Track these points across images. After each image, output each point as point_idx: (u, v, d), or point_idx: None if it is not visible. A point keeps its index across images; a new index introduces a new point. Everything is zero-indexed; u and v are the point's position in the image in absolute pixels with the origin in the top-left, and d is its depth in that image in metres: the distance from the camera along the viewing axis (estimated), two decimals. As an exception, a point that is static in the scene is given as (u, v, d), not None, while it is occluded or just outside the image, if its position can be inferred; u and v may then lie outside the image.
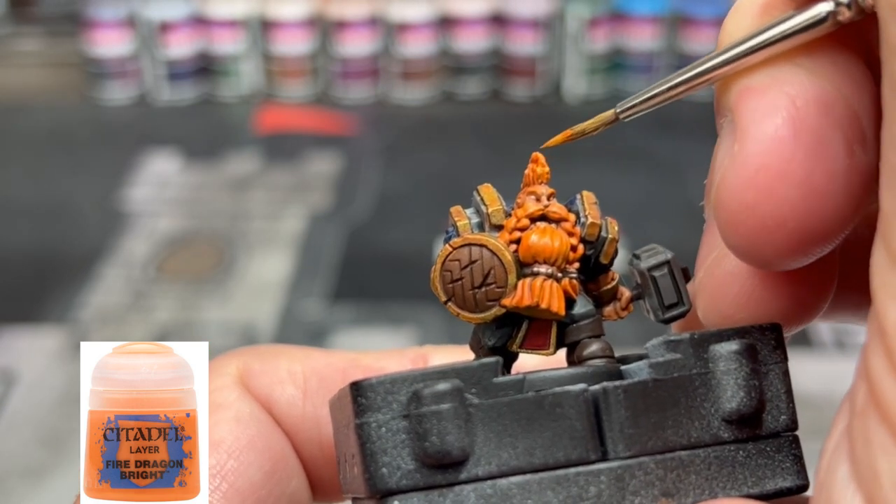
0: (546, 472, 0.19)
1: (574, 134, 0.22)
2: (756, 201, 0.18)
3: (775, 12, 0.19)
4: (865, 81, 0.18)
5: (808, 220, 0.18)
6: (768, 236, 0.18)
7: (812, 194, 0.18)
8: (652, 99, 0.21)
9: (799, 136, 0.18)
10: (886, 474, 0.15)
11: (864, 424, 0.16)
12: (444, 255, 0.21)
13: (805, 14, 0.18)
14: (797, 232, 0.18)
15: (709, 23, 1.33)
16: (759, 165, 0.18)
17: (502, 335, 0.22)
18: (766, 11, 0.19)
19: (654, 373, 0.20)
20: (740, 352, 0.20)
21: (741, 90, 0.19)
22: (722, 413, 0.20)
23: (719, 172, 0.19)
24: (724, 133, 0.19)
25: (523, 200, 0.22)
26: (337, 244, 1.04)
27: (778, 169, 0.18)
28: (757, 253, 0.19)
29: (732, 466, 0.20)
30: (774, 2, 0.19)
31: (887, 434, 0.15)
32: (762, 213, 0.18)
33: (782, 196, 0.18)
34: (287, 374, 0.26)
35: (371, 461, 0.19)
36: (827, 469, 0.17)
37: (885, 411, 0.16)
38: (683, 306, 0.22)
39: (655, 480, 0.19)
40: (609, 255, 0.22)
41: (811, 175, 0.18)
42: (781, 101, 0.18)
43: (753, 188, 0.18)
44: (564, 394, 0.19)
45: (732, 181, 0.18)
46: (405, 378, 0.19)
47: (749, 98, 0.19)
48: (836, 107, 0.18)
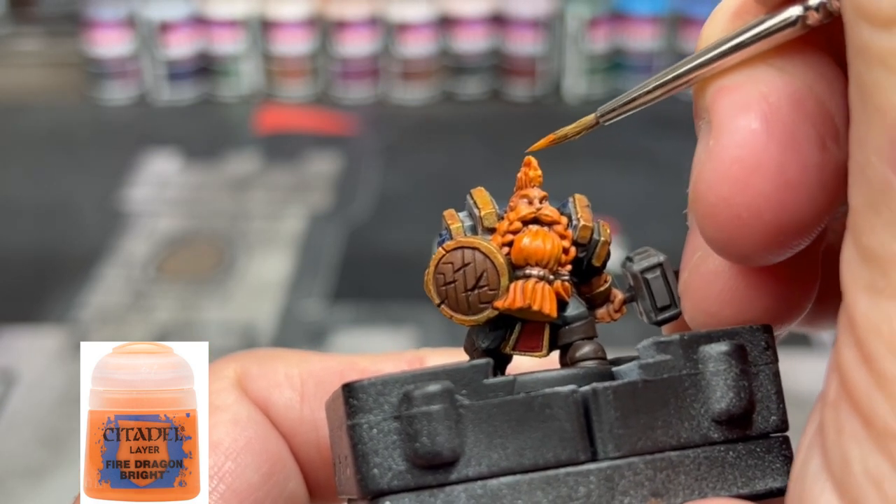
0: (536, 473, 0.19)
1: (557, 138, 0.22)
2: (731, 193, 0.18)
3: (747, 17, 0.20)
4: (837, 80, 0.19)
5: (783, 213, 0.18)
6: (744, 229, 0.19)
7: (786, 186, 0.18)
8: (632, 102, 0.21)
9: (771, 129, 0.18)
10: (857, 462, 0.16)
11: (835, 415, 0.16)
12: (437, 259, 0.21)
13: (776, 18, 0.19)
14: (772, 224, 0.18)
15: (708, 23, 1.33)
16: (734, 158, 0.18)
17: (496, 337, 0.22)
18: (738, 16, 0.20)
19: (644, 374, 0.20)
20: (730, 353, 0.20)
21: (717, 90, 0.19)
22: (711, 414, 0.20)
23: (696, 169, 0.19)
24: (702, 133, 0.20)
25: (516, 203, 0.22)
26: (337, 244, 1.04)
27: (752, 161, 0.18)
28: (734, 246, 0.19)
29: (722, 467, 0.20)
30: (746, 7, 0.20)
31: (858, 423, 0.16)
32: (737, 204, 0.18)
33: (756, 188, 0.18)
34: (284, 378, 0.26)
35: (362, 462, 0.19)
36: (801, 464, 0.17)
37: (856, 401, 0.16)
38: (676, 308, 0.22)
39: (645, 481, 0.19)
40: (601, 258, 0.22)
41: (784, 168, 0.18)
42: (754, 96, 0.19)
43: (728, 180, 0.18)
44: (554, 395, 0.20)
45: (708, 175, 0.19)
46: (396, 379, 0.19)
47: (724, 96, 0.19)
48: (807, 103, 0.19)
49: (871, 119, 0.16)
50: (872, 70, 0.15)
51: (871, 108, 0.16)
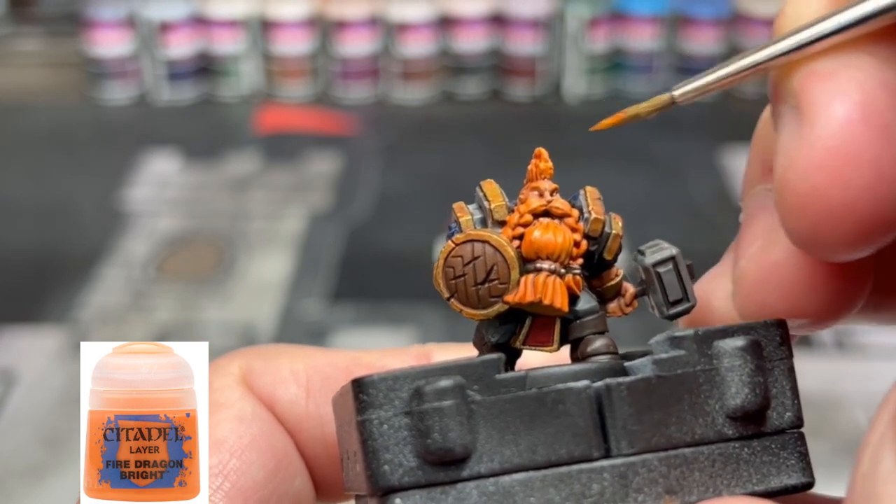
0: (549, 470, 0.19)
1: (627, 117, 0.22)
2: (824, 184, 0.18)
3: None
4: None
5: (876, 206, 0.18)
6: (835, 221, 0.18)
7: (880, 179, 0.18)
8: (712, 83, 0.21)
9: (868, 120, 0.18)
10: None
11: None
12: (447, 252, 0.21)
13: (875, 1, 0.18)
14: (864, 218, 0.18)
15: (709, 23, 1.33)
16: (829, 148, 0.18)
17: (505, 332, 0.22)
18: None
19: (658, 369, 0.20)
20: (745, 348, 0.20)
21: (807, 74, 0.19)
22: (726, 410, 0.20)
23: (785, 157, 0.19)
24: (787, 119, 0.19)
25: (526, 196, 0.21)
26: (337, 244, 1.03)
27: (847, 152, 0.18)
28: (820, 239, 0.19)
29: (737, 464, 0.20)
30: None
31: None
32: (830, 196, 0.18)
33: (851, 180, 0.18)
34: (289, 374, 0.26)
35: (373, 458, 0.19)
36: (871, 461, 0.16)
37: None
38: (688, 302, 0.22)
39: (659, 478, 0.19)
40: (613, 252, 0.22)
41: (880, 160, 0.18)
42: (850, 85, 0.18)
43: (822, 171, 0.18)
44: (567, 390, 0.19)
45: (800, 164, 0.18)
46: (407, 375, 0.19)
47: (817, 82, 0.18)
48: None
49: None
50: None
51: None
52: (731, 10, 1.33)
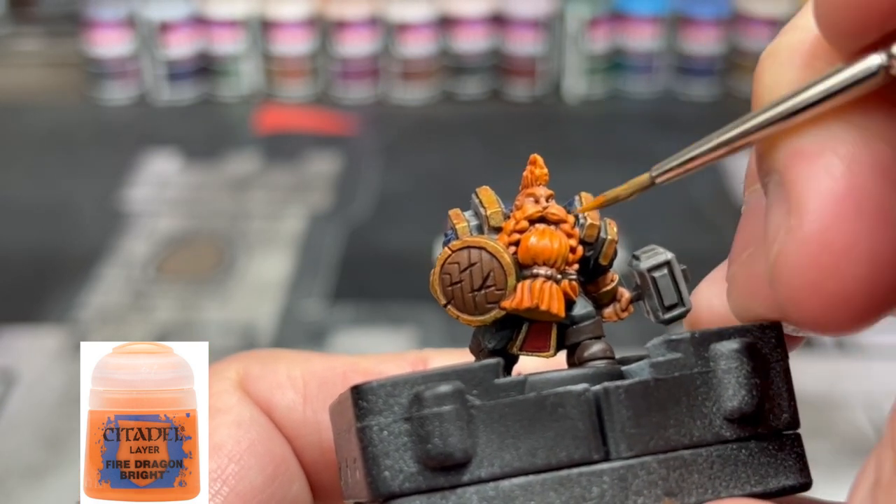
0: (548, 473, 0.19)
1: (607, 200, 0.21)
2: (821, 280, 0.17)
3: (816, 63, 0.18)
4: None
5: (876, 293, 0.17)
6: (834, 313, 0.17)
7: (879, 267, 0.17)
8: (690, 162, 0.20)
9: (860, 207, 0.17)
10: None
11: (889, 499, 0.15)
12: (443, 258, 0.21)
13: (855, 68, 0.17)
14: (864, 306, 0.17)
15: (709, 23, 1.33)
16: (822, 243, 0.17)
17: (502, 337, 0.22)
18: (805, 62, 0.18)
19: (656, 372, 0.20)
20: (741, 350, 0.20)
21: (790, 154, 0.18)
22: (724, 412, 0.20)
23: (776, 246, 0.18)
24: (775, 197, 0.18)
25: (522, 202, 0.22)
26: (337, 244, 1.04)
27: (842, 245, 0.17)
28: (822, 327, 0.18)
29: (735, 465, 0.20)
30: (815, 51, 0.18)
31: None
32: (827, 291, 0.17)
33: (848, 273, 0.17)
34: (287, 379, 0.26)
35: (373, 464, 0.19)
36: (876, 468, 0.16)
37: None
38: (683, 307, 0.22)
39: (658, 480, 0.19)
40: (608, 257, 0.22)
41: (877, 248, 0.17)
42: (837, 168, 0.17)
43: (817, 267, 0.17)
44: (566, 394, 0.19)
45: (793, 259, 0.17)
46: (406, 381, 0.19)
47: (801, 164, 0.17)
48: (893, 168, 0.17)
49: None
50: None
51: None
52: (731, 10, 1.33)
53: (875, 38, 0.17)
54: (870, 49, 0.17)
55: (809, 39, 0.18)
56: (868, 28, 0.17)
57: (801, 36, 0.18)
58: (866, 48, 0.17)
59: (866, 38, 0.17)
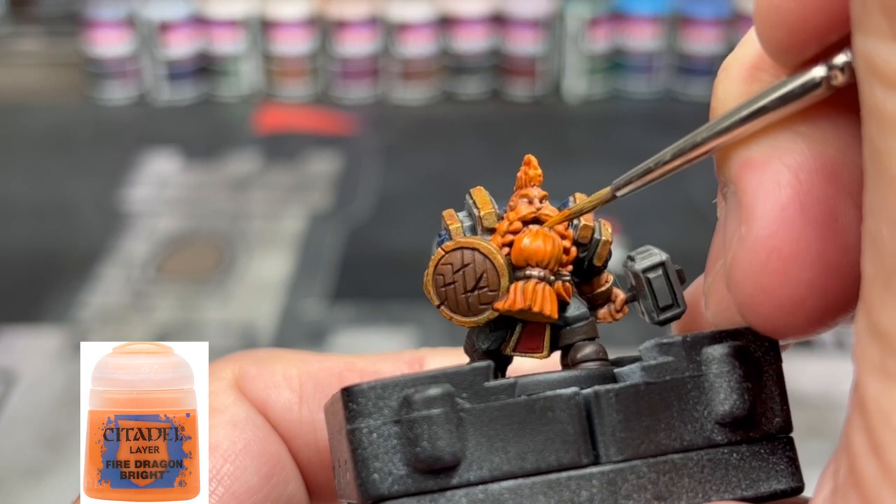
0: (538, 477, 0.19)
1: (572, 213, 0.21)
2: (771, 285, 0.17)
3: (763, 76, 0.18)
4: None
5: (827, 297, 0.17)
6: (787, 316, 0.18)
7: (828, 271, 0.17)
8: (648, 174, 0.20)
9: (807, 211, 0.17)
10: None
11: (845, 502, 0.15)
12: (437, 259, 0.21)
13: (798, 80, 0.17)
14: (816, 309, 0.17)
15: (709, 23, 1.33)
16: (770, 249, 0.17)
17: (496, 338, 0.22)
18: (752, 76, 0.19)
19: (647, 376, 0.20)
20: (733, 354, 0.20)
21: (741, 163, 0.18)
22: (715, 416, 0.20)
23: (730, 252, 0.18)
24: (730, 206, 0.18)
25: (516, 203, 0.21)
26: (337, 244, 1.04)
27: (790, 251, 0.17)
28: (777, 330, 0.18)
29: (726, 469, 0.20)
30: (762, 65, 0.18)
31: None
32: (779, 296, 0.17)
33: (798, 278, 0.17)
34: (283, 379, 0.26)
35: (363, 467, 0.19)
36: None
37: (865, 492, 0.15)
38: (678, 308, 0.22)
39: (648, 484, 0.19)
40: (602, 258, 0.22)
41: (825, 251, 0.17)
42: (784, 175, 0.17)
43: (767, 273, 0.17)
44: (556, 398, 0.19)
45: (745, 265, 0.18)
46: (396, 383, 0.19)
47: (750, 173, 0.18)
48: (841, 173, 0.17)
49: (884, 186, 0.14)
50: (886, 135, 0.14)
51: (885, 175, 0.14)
52: (731, 10, 1.33)
53: (815, 51, 0.17)
54: (812, 62, 0.17)
55: (756, 54, 0.19)
56: (806, 44, 0.17)
57: (750, 50, 0.19)
58: (809, 61, 0.17)
59: (807, 52, 0.17)
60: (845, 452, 0.16)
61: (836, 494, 0.16)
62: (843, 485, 0.16)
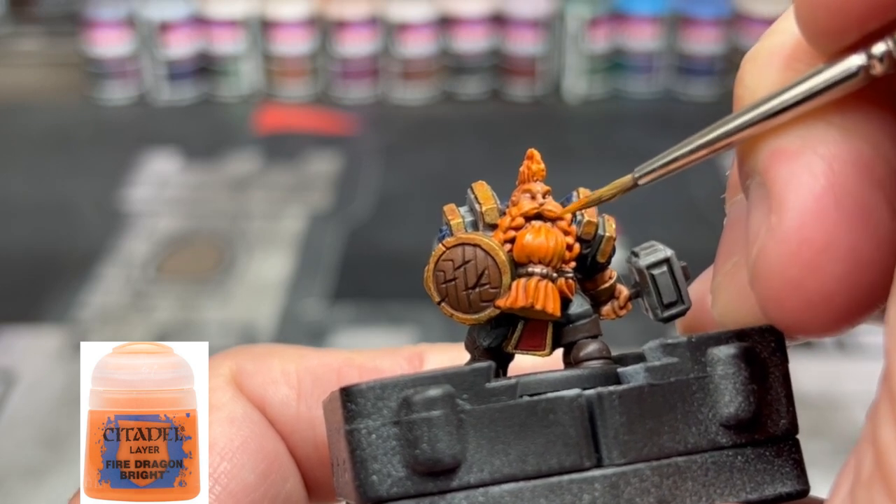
0: (539, 480, 0.19)
1: (591, 200, 0.21)
2: (801, 278, 0.17)
3: (799, 65, 0.18)
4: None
5: (856, 293, 0.17)
6: (814, 312, 0.17)
7: (859, 266, 0.17)
8: (672, 163, 0.20)
9: (840, 204, 0.17)
10: None
11: (868, 496, 0.15)
12: (437, 255, 0.21)
13: (835, 69, 0.17)
14: (845, 306, 0.17)
15: (709, 23, 1.33)
16: (802, 240, 0.17)
17: (497, 336, 0.21)
18: (789, 65, 0.18)
19: (651, 377, 0.19)
20: (739, 355, 0.19)
21: (771, 153, 0.17)
22: (720, 418, 0.19)
23: (757, 244, 0.18)
24: (756, 198, 0.18)
25: (518, 198, 0.21)
26: (337, 244, 1.03)
27: (822, 242, 0.17)
28: (801, 328, 0.18)
29: (730, 472, 0.19)
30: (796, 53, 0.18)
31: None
32: (807, 289, 0.17)
33: (828, 271, 0.17)
34: (281, 375, 0.25)
35: (361, 468, 0.19)
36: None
37: (892, 485, 0.15)
38: (683, 304, 0.22)
39: (651, 487, 0.19)
40: (606, 254, 0.22)
41: (857, 245, 0.17)
42: (818, 166, 0.17)
43: (797, 265, 0.17)
44: (558, 399, 0.19)
45: (773, 257, 0.17)
46: (396, 383, 0.19)
47: (781, 163, 0.17)
48: (875, 168, 0.17)
49: None
50: None
51: None
52: (731, 10, 1.33)
53: (855, 38, 0.17)
54: (850, 50, 0.17)
55: (791, 42, 0.18)
56: (848, 29, 0.17)
57: (783, 39, 0.18)
58: (846, 49, 0.17)
59: (846, 39, 0.17)
60: (871, 445, 0.15)
61: (859, 487, 0.15)
62: (868, 478, 0.15)
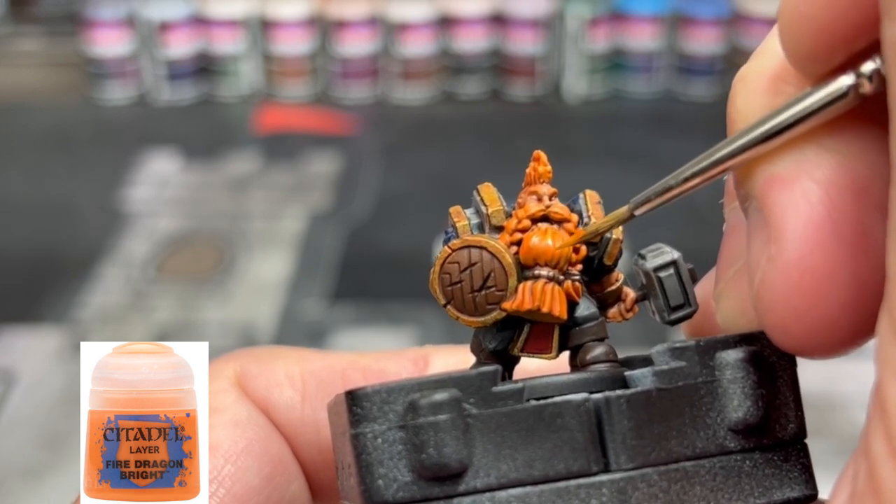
0: (546, 485, 0.18)
1: (588, 233, 0.21)
2: (804, 307, 0.17)
3: (786, 87, 0.18)
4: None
5: (860, 316, 0.17)
6: (819, 337, 0.17)
7: (862, 290, 0.17)
8: (667, 192, 0.20)
9: (839, 231, 0.16)
10: None
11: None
12: (443, 257, 0.21)
13: (824, 90, 0.17)
14: (849, 329, 0.17)
15: (709, 23, 1.33)
16: (803, 270, 0.17)
17: (503, 338, 0.21)
18: (775, 87, 0.18)
19: (659, 381, 0.19)
20: (747, 359, 0.19)
21: (766, 180, 0.17)
22: (728, 423, 0.19)
23: (758, 275, 0.17)
24: (755, 223, 0.18)
25: (524, 200, 0.21)
26: (337, 244, 1.03)
27: (823, 271, 0.16)
28: (807, 352, 0.18)
29: (738, 477, 0.19)
30: (784, 76, 0.18)
31: None
32: (811, 317, 0.17)
33: (831, 298, 0.17)
34: (285, 377, 0.25)
35: (367, 473, 0.19)
36: None
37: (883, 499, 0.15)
38: (690, 307, 0.21)
39: (659, 492, 0.19)
40: (613, 256, 0.21)
41: (858, 271, 0.16)
42: (814, 193, 0.17)
43: (800, 294, 0.17)
44: (565, 404, 0.19)
45: (775, 287, 0.17)
46: (402, 387, 0.19)
47: (778, 190, 0.17)
48: (871, 189, 0.17)
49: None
50: None
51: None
52: (731, 10, 1.33)
53: (842, 59, 0.17)
54: (838, 71, 0.17)
55: (778, 64, 0.18)
56: (834, 51, 0.16)
57: (770, 61, 0.18)
58: (834, 70, 0.17)
59: (833, 61, 0.17)
60: (864, 457, 0.15)
61: (854, 499, 0.15)
62: (861, 490, 0.15)
